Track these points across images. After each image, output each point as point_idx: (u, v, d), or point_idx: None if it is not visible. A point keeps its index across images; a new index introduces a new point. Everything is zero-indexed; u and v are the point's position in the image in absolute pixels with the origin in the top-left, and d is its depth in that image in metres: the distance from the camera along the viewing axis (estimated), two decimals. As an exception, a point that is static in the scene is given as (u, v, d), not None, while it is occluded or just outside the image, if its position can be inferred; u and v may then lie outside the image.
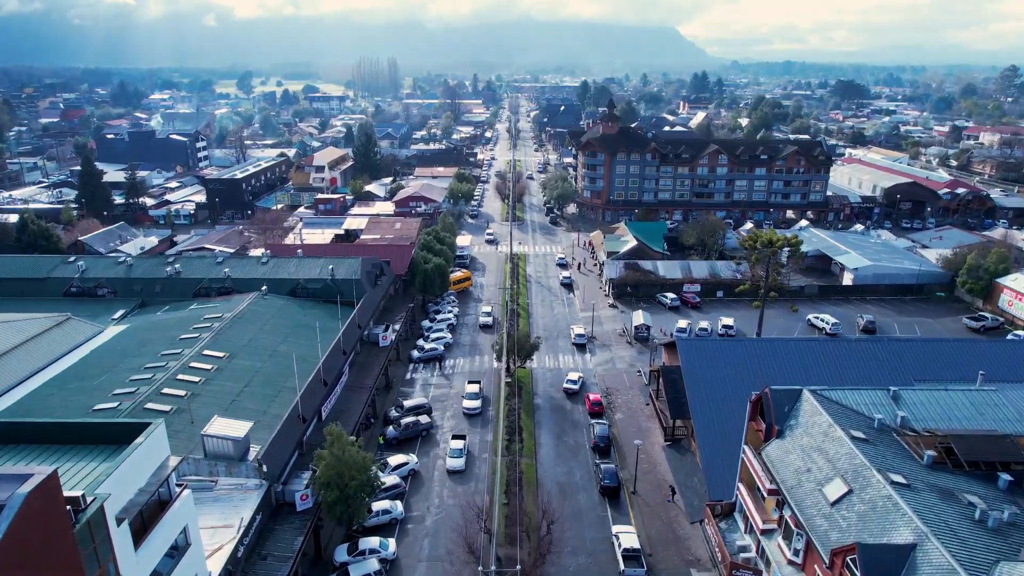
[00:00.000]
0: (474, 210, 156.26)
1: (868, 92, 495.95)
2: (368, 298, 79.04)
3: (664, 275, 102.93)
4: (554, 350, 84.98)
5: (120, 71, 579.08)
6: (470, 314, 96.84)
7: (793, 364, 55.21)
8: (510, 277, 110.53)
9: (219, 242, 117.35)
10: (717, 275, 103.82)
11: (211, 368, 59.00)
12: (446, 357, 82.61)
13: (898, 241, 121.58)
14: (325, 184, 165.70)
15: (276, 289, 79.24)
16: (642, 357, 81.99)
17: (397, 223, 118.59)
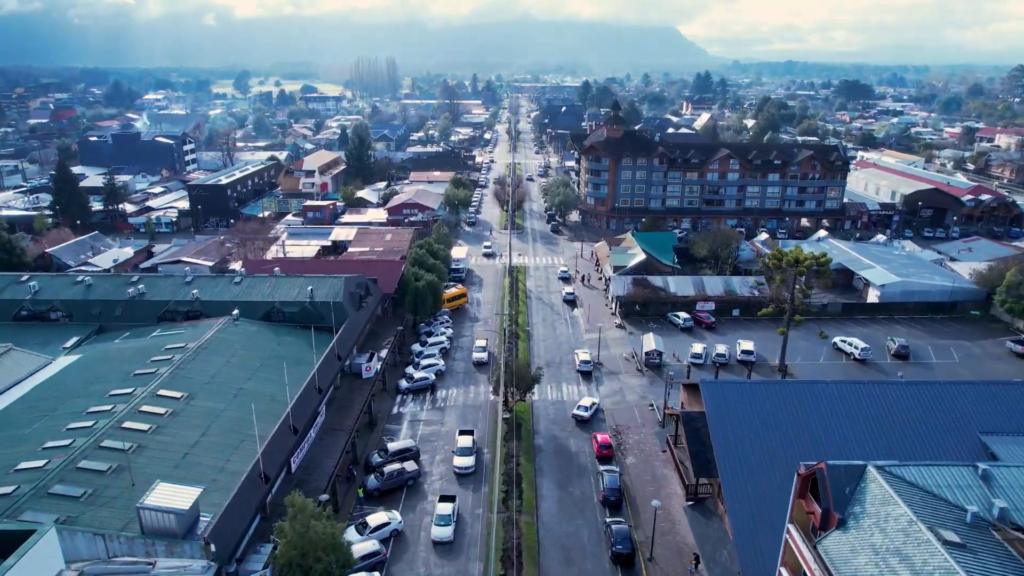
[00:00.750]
0: (472, 217, 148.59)
1: (873, 92, 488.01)
2: (351, 323, 71.31)
3: (675, 292, 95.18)
4: (557, 378, 77.21)
5: (118, 71, 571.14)
6: (465, 335, 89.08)
7: (839, 414, 47.47)
8: (509, 293, 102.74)
9: (198, 254, 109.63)
10: (733, 292, 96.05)
11: (164, 413, 51.25)
12: (438, 387, 74.86)
13: (923, 253, 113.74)
14: (315, 190, 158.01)
15: (249, 313, 71.48)
16: (654, 388, 74.19)
17: (388, 234, 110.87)
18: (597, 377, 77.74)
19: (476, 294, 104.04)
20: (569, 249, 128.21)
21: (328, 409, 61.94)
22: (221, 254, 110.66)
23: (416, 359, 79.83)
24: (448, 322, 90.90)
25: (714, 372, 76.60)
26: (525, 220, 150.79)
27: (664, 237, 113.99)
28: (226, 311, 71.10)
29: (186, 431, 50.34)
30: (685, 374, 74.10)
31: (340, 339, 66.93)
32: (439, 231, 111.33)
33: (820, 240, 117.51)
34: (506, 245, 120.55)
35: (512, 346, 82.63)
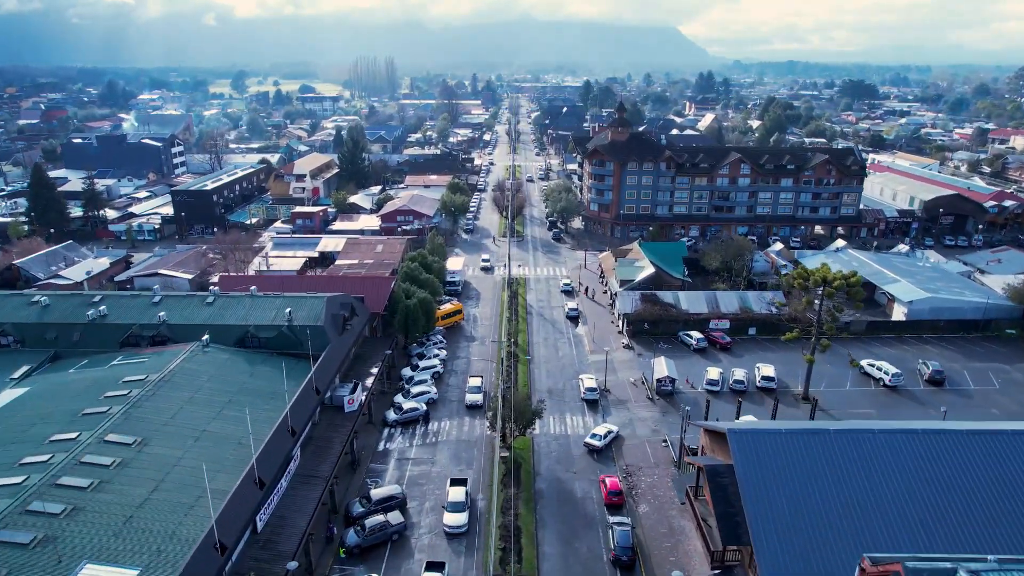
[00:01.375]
0: (469, 224, 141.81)
1: (877, 92, 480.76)
2: (333, 349, 64.50)
3: (687, 309, 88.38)
4: (560, 408, 70.45)
5: (116, 71, 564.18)
6: (460, 356, 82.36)
7: (896, 471, 40.69)
8: (508, 308, 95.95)
9: (177, 266, 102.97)
10: (748, 309, 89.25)
11: (111, 464, 44.52)
12: (430, 417, 68.10)
13: (949, 264, 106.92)
14: (307, 195, 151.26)
15: (221, 338, 64.72)
16: (668, 420, 67.48)
17: (379, 244, 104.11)
18: (604, 406, 70.98)
19: (473, 309, 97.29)
20: (572, 259, 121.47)
21: (304, 451, 55.19)
22: (202, 266, 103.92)
23: (406, 386, 73.10)
24: (442, 342, 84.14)
25: (735, 403, 69.83)
26: (525, 227, 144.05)
27: (673, 248, 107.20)
28: (196, 336, 64.37)
29: (134, 487, 43.59)
30: (703, 411, 67.20)
31: (320, 369, 60.15)
32: (434, 241, 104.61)
33: (838, 251, 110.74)
34: (505, 256, 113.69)
35: (511, 370, 75.84)
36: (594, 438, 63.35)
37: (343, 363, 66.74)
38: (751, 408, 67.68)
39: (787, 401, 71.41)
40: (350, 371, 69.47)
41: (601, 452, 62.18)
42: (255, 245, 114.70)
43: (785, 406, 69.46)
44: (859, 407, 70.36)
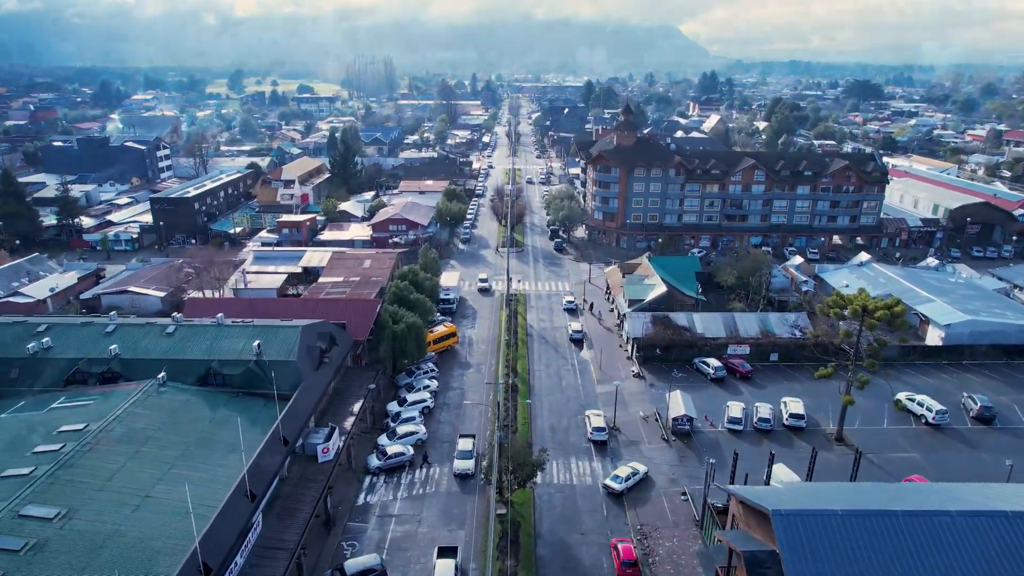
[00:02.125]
0: (466, 233, 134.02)
1: (883, 92, 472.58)
2: (307, 389, 56.80)
3: (703, 333, 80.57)
4: (564, 451, 62.71)
5: (114, 70, 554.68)
6: (454, 387, 74.62)
7: (982, 562, 32.90)
8: (507, 331, 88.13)
9: (149, 282, 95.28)
10: (770, 332, 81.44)
11: (21, 549, 36.74)
12: (416, 462, 60.38)
13: (983, 279, 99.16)
14: (295, 202, 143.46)
15: (181, 374, 57.02)
16: (686, 467, 59.76)
17: (367, 259, 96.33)
18: (613, 448, 63.22)
19: (469, 330, 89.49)
20: (575, 272, 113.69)
21: (268, 514, 47.44)
22: (177, 282, 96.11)
23: (391, 424, 65.32)
24: (434, 371, 76.34)
25: (761, 445, 61.99)
26: (525, 236, 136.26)
27: (685, 263, 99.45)
28: (152, 372, 56.71)
29: (51, 570, 35.92)
30: (726, 456, 59.43)
31: (289, 414, 52.46)
32: (426, 255, 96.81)
33: (862, 265, 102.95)
34: (504, 270, 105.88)
35: (509, 407, 68.07)
36: (615, 480, 56.09)
37: (318, 403, 59.00)
38: (782, 453, 59.80)
39: (819, 441, 63.61)
40: (327, 409, 61.76)
41: (619, 496, 55.06)
42: (237, 258, 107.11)
43: (811, 445, 61.61)
44: (900, 449, 62.61)
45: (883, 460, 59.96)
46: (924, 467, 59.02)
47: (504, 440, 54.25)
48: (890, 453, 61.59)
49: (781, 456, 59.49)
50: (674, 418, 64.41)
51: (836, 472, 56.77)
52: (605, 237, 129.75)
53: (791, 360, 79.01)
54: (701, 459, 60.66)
